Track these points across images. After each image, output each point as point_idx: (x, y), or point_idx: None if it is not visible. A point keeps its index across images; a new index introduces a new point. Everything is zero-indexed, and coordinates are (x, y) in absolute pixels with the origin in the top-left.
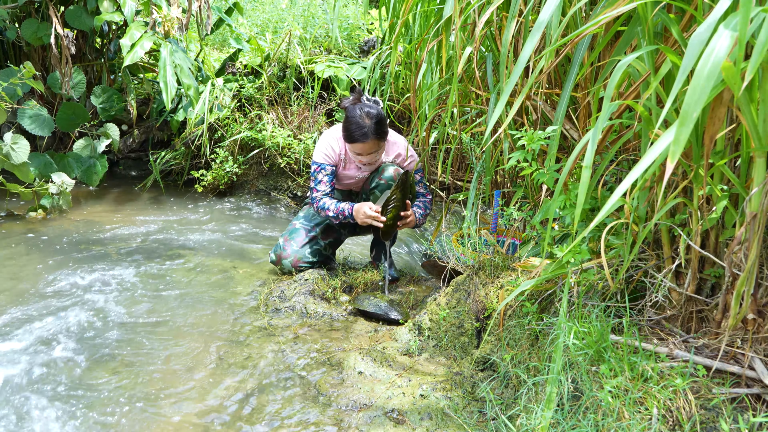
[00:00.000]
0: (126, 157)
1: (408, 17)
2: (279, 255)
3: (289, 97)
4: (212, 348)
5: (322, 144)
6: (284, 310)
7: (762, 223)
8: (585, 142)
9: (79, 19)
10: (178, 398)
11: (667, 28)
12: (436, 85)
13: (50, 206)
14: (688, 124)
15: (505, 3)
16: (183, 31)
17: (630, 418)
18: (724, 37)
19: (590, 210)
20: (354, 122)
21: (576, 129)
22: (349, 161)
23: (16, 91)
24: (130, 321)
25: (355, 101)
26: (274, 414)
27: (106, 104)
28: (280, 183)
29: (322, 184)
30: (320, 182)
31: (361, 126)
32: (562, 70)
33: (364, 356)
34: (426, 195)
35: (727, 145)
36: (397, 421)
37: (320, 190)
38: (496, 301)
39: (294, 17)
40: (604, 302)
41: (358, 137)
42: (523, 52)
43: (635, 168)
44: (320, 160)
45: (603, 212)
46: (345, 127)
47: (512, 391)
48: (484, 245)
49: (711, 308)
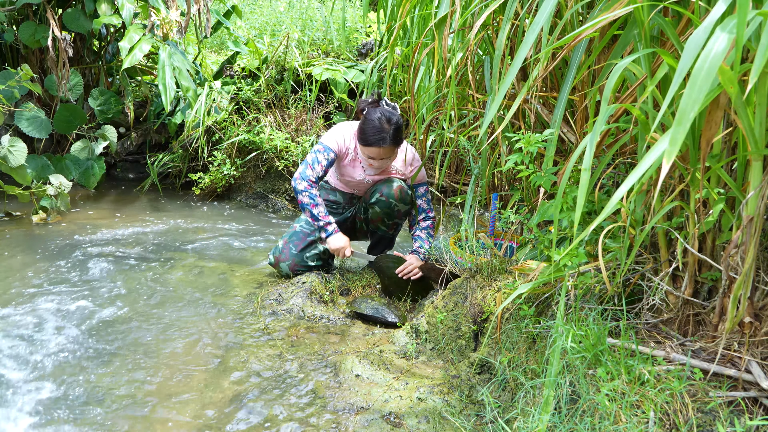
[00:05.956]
0: (123, 160)
1: (405, 20)
2: (277, 258)
3: (287, 100)
4: (209, 350)
5: (338, 131)
6: (281, 312)
7: (759, 227)
8: (583, 146)
9: (77, 21)
10: (174, 400)
11: (664, 32)
12: (433, 88)
13: (49, 208)
14: (684, 124)
15: (501, 6)
16: (182, 33)
17: (627, 421)
18: (720, 39)
19: (587, 213)
20: (372, 126)
21: (573, 132)
22: (356, 160)
23: (14, 94)
24: (126, 323)
25: (374, 104)
26: (271, 417)
27: (104, 107)
28: (278, 186)
29: (319, 166)
30: (318, 163)
31: (380, 130)
32: (560, 74)
33: (362, 359)
34: (429, 212)
35: (724, 149)
36: (395, 424)
37: (314, 170)
38: (493, 304)
39: (292, 20)
40: (601, 305)
41: (375, 141)
42: (517, 56)
43: (633, 172)
44: (329, 143)
45: (602, 215)
46: (362, 128)
47: (510, 394)
48: (482, 248)
49: (708, 311)
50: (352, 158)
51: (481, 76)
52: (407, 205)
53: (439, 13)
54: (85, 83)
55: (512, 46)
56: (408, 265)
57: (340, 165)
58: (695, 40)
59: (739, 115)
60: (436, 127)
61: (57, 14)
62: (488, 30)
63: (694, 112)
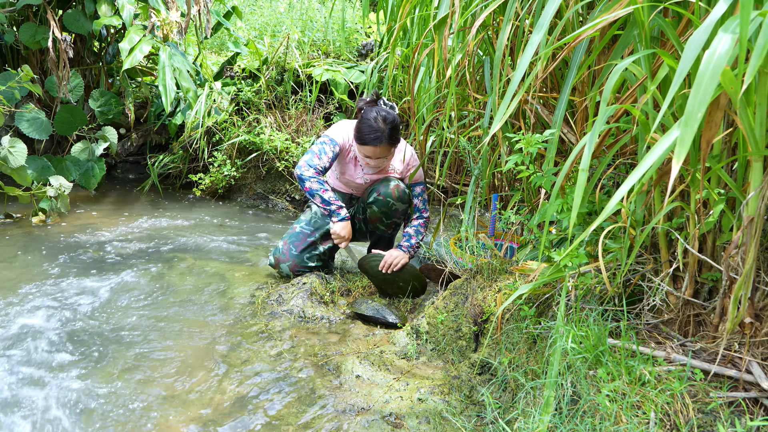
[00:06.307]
0: (124, 161)
1: (406, 21)
2: (278, 259)
3: (287, 101)
4: (209, 351)
5: (341, 127)
6: (282, 313)
7: (759, 227)
8: (582, 146)
9: (77, 22)
10: (175, 401)
11: (664, 33)
12: (433, 88)
13: (49, 209)
14: (692, 125)
15: (501, 7)
16: (182, 34)
17: (627, 422)
18: (724, 40)
19: (588, 214)
20: (368, 125)
21: (573, 132)
22: (355, 158)
23: (14, 95)
24: (127, 324)
25: (371, 103)
26: (272, 418)
27: (104, 108)
28: (278, 186)
29: (326, 156)
30: (325, 153)
31: (375, 129)
32: (559, 74)
33: (362, 360)
34: (423, 212)
35: (724, 149)
36: (395, 425)
37: (321, 159)
38: (493, 305)
39: (292, 21)
40: (601, 306)
41: (370, 140)
42: (523, 58)
43: (633, 172)
44: (334, 137)
45: (602, 216)
46: (358, 127)
47: (510, 394)
48: (482, 249)
49: (708, 312)
50: (352, 156)
51: (481, 77)
52: (405, 204)
53: (439, 14)
54: (86, 84)
55: (512, 47)
56: (388, 257)
57: (341, 162)
58: (695, 40)
59: (739, 115)
60: (436, 128)
61: (57, 15)
62: (488, 30)
63: (701, 113)
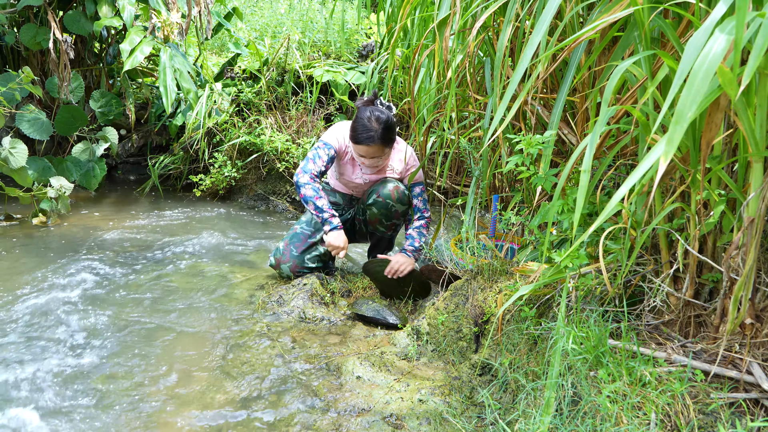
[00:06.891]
0: (124, 162)
1: (406, 22)
2: (278, 260)
3: (288, 102)
4: (210, 352)
5: (337, 129)
6: (283, 314)
7: (759, 228)
8: (583, 147)
9: (77, 23)
10: (176, 402)
11: (664, 34)
12: (434, 89)
13: (49, 210)
14: (682, 124)
15: (502, 8)
16: (182, 35)
17: (628, 422)
18: (719, 40)
19: (588, 215)
20: (361, 124)
21: (574, 133)
22: (353, 159)
23: (15, 96)
24: (128, 325)
25: (368, 103)
26: (273, 419)
27: (105, 108)
28: (279, 187)
29: (320, 161)
30: (320, 158)
31: (368, 129)
32: (560, 75)
33: (363, 361)
34: (424, 212)
35: (725, 150)
36: (396, 426)
37: (316, 164)
38: (494, 306)
39: (293, 22)
40: (602, 307)
41: (363, 139)
42: (522, 58)
43: (633, 173)
44: (329, 141)
45: (602, 217)
46: (352, 126)
47: (511, 395)
48: (483, 250)
49: (709, 313)
50: (350, 157)
51: (481, 78)
52: (405, 205)
53: (440, 15)
54: (86, 85)
55: (512, 48)
56: (394, 263)
57: (339, 164)
58: (695, 41)
59: (739, 116)
60: (437, 129)
61: (58, 16)
62: (488, 32)
63: (692, 113)
